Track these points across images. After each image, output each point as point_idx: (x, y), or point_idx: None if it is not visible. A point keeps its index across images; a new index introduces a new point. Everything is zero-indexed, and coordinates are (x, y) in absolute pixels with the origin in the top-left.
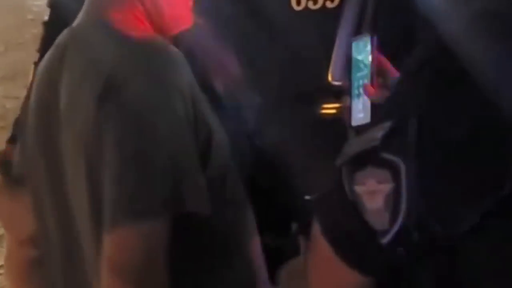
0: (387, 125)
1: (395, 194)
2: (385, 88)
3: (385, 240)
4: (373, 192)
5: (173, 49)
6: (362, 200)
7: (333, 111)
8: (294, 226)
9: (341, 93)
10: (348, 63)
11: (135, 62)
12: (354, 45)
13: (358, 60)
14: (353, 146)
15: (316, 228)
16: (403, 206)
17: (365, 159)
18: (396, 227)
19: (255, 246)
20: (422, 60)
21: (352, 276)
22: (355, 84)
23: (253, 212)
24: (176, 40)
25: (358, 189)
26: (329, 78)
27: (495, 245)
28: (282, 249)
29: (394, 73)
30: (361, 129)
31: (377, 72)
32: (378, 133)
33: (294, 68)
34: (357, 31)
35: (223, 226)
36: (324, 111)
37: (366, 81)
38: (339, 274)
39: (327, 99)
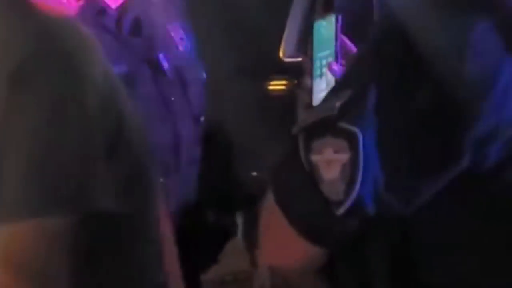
0: (346, 94)
1: (352, 165)
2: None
3: (339, 211)
4: (329, 161)
5: (87, 33)
6: (318, 169)
7: (282, 87)
8: (238, 204)
9: (292, 70)
10: (303, 41)
11: (45, 49)
12: (316, 24)
13: (321, 40)
14: (311, 114)
15: (270, 197)
16: (359, 177)
17: (323, 128)
18: (351, 198)
19: (165, 231)
20: (381, 32)
21: (306, 247)
22: (317, 63)
23: (196, 190)
24: (123, 8)
25: (315, 158)
26: (281, 54)
27: (448, 220)
28: (225, 228)
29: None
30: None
31: (341, 51)
32: (337, 102)
33: (244, 43)
34: (311, 8)
35: (130, 214)
36: (273, 87)
37: (331, 59)
38: (292, 244)
39: (277, 75)
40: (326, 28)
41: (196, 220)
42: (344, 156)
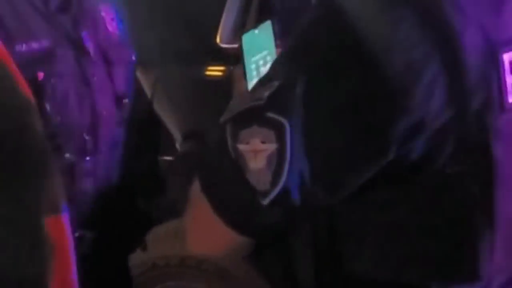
0: (274, 85)
1: (279, 155)
2: None
3: (265, 201)
4: (256, 151)
5: None
6: (245, 159)
7: (219, 73)
8: (163, 190)
9: (229, 56)
10: (240, 27)
11: None
12: (245, 35)
13: (254, 45)
14: (239, 103)
15: (196, 185)
16: (286, 167)
17: (250, 118)
18: (277, 189)
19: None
20: (310, 24)
21: (231, 236)
22: (252, 66)
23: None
24: None
25: (242, 147)
26: (217, 40)
27: (373, 212)
28: (151, 214)
29: None
30: None
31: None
32: (265, 92)
33: (182, 28)
34: None
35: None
36: (210, 73)
37: (270, 58)
38: (217, 233)
39: (214, 61)
40: (260, 34)
41: (120, 203)
42: (271, 146)
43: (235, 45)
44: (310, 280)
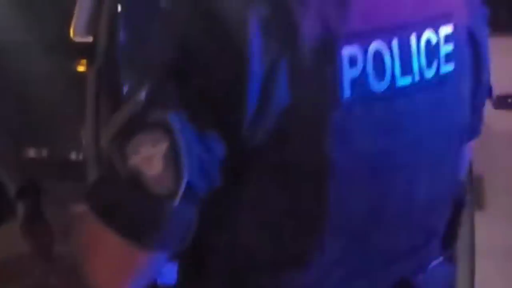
0: (146, 87)
1: (173, 151)
2: None
3: (174, 202)
4: (149, 157)
5: None
6: (140, 170)
7: (83, 67)
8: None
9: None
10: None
11: None
12: None
13: None
14: (117, 119)
15: (89, 218)
16: (185, 160)
17: (132, 128)
18: (183, 185)
19: None
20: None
21: (141, 255)
22: None
23: None
24: None
25: (133, 161)
26: (71, 33)
27: (256, 196)
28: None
29: None
30: None
31: None
32: (139, 97)
33: (55, 21)
34: None
35: None
36: (79, 67)
37: None
38: (126, 259)
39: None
40: None
41: None
42: (163, 146)
43: (90, 39)
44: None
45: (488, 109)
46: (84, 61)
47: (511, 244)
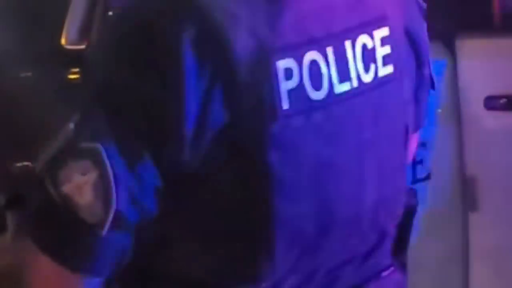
0: (76, 116)
1: (102, 181)
2: None
3: (104, 230)
4: (80, 186)
5: None
6: (71, 198)
7: (76, 76)
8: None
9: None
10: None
11: None
12: None
13: None
14: (49, 148)
15: (32, 244)
16: (113, 190)
17: (64, 156)
18: (111, 214)
19: None
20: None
21: (73, 279)
22: None
23: None
24: None
25: (66, 188)
26: (62, 41)
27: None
28: None
29: None
30: None
31: None
32: (69, 126)
33: (44, 32)
34: None
35: None
36: (71, 76)
37: None
38: (58, 280)
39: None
40: None
41: None
42: (92, 175)
43: (82, 46)
44: None
45: (481, 109)
46: (76, 70)
47: (505, 245)
